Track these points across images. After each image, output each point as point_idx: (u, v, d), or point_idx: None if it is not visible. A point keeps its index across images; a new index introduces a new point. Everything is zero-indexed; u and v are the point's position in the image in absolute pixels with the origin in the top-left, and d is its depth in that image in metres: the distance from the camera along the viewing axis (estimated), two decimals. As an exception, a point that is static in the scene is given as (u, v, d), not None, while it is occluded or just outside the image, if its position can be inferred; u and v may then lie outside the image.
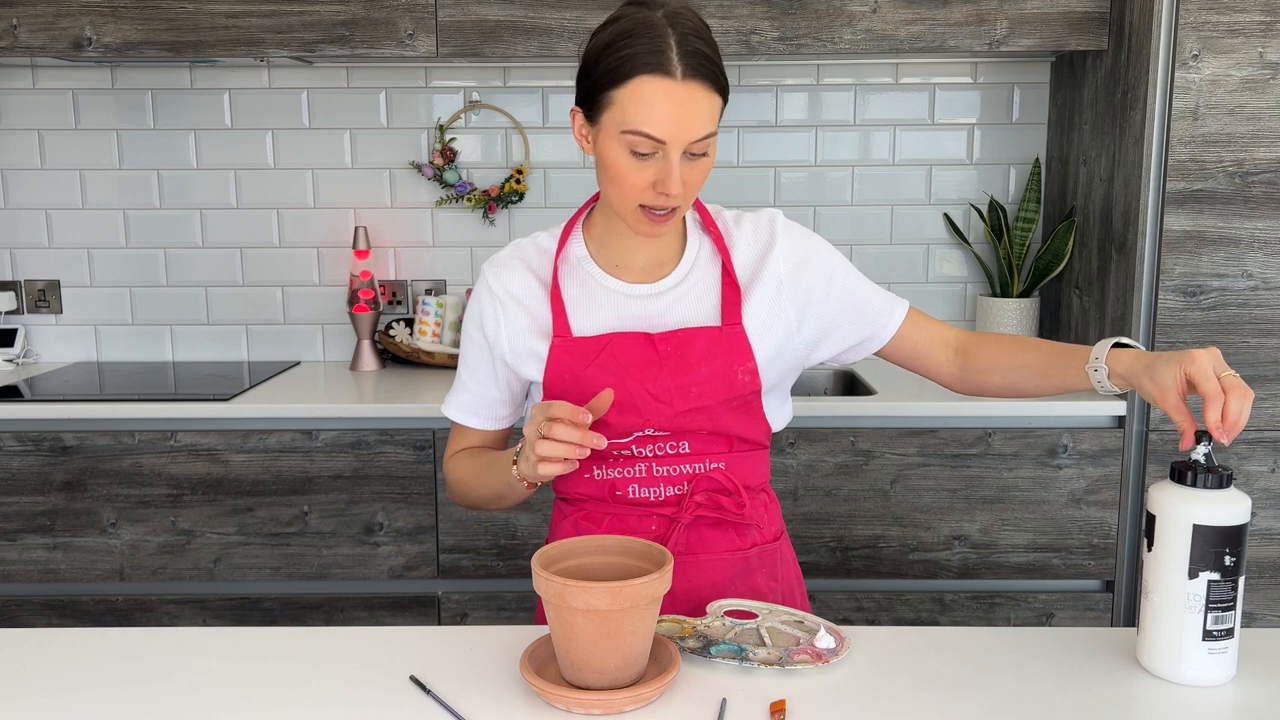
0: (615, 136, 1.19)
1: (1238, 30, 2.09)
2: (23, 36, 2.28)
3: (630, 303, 1.31)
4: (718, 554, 1.33)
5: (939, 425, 2.23)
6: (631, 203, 1.22)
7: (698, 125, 1.17)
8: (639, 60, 1.16)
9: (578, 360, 1.28)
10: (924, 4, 2.27)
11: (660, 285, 1.32)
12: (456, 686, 1.10)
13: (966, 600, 2.29)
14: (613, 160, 1.20)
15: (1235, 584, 1.07)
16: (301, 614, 2.30)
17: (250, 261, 2.73)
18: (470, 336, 1.37)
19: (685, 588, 1.31)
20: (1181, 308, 2.17)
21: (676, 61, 1.15)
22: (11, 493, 2.25)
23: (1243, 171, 2.13)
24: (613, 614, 1.01)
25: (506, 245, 1.38)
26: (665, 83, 1.15)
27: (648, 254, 1.33)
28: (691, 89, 1.16)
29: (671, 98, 1.16)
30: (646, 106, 1.16)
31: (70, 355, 2.76)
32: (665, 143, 1.17)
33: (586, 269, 1.33)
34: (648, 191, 1.21)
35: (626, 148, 1.18)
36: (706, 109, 1.18)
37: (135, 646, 1.20)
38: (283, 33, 2.28)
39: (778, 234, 1.35)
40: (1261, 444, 2.21)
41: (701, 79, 1.17)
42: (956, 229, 2.69)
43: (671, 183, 1.18)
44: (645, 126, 1.16)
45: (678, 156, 1.18)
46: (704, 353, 1.28)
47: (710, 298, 1.32)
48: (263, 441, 2.23)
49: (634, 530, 1.32)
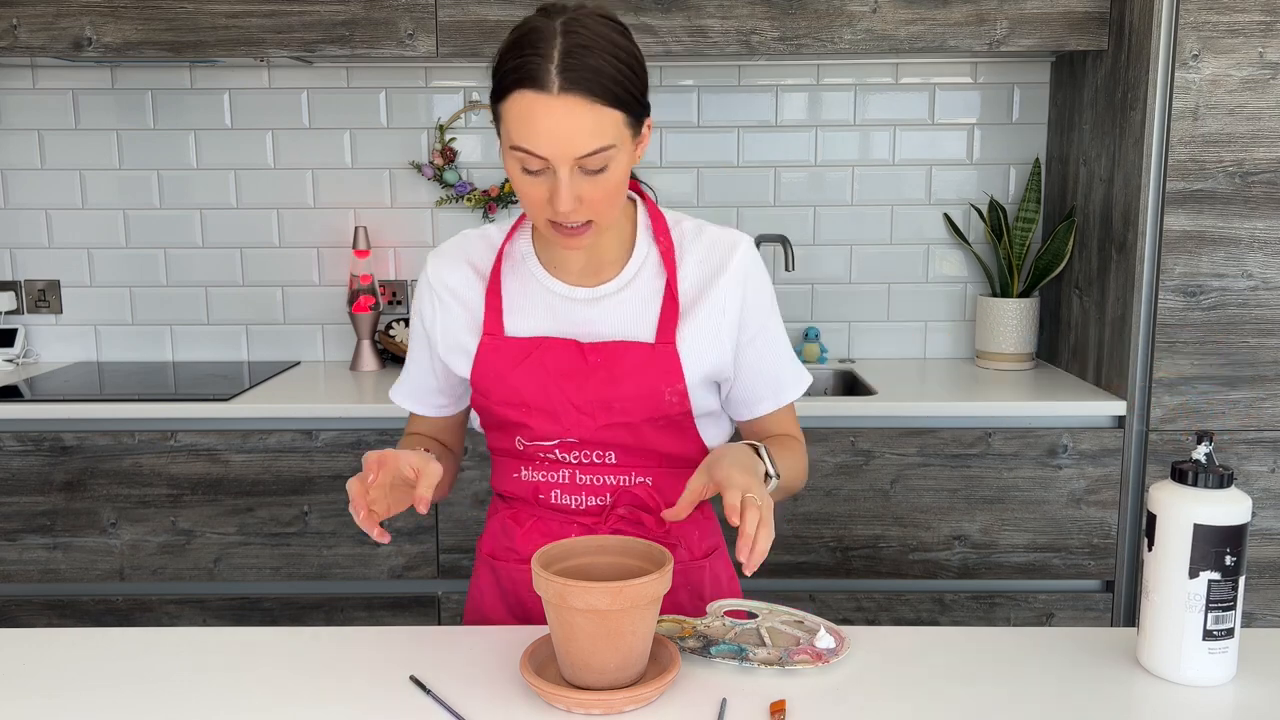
0: (508, 151, 1.16)
1: (1238, 30, 2.09)
2: (23, 36, 2.28)
3: (566, 306, 1.28)
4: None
5: (939, 425, 2.23)
6: (538, 217, 1.19)
7: (580, 141, 1.12)
8: (518, 73, 1.12)
9: (505, 361, 1.27)
10: (924, 4, 2.27)
11: (599, 291, 1.28)
12: (456, 686, 1.10)
13: (966, 600, 2.29)
14: (510, 174, 1.18)
15: (1235, 584, 1.07)
16: (301, 614, 2.30)
17: (250, 261, 2.72)
18: (414, 324, 1.38)
19: None
20: (1181, 308, 2.17)
21: (554, 75, 1.10)
22: (11, 493, 2.25)
23: (1243, 171, 2.13)
24: (613, 614, 1.01)
25: (453, 236, 1.36)
26: (540, 98, 1.11)
27: (589, 255, 1.28)
28: (570, 103, 1.10)
29: (548, 113, 1.11)
30: (524, 122, 1.12)
31: (70, 355, 2.76)
32: (547, 159, 1.13)
33: (529, 266, 1.31)
34: (547, 207, 1.17)
35: (518, 163, 1.15)
36: (590, 124, 1.12)
37: (135, 646, 1.20)
38: (283, 33, 2.28)
39: (734, 261, 1.28)
40: (1261, 444, 2.21)
41: (582, 92, 1.11)
42: (956, 229, 2.69)
43: (560, 200, 1.13)
44: (525, 143, 1.13)
45: (566, 173, 1.13)
46: (632, 368, 1.24)
47: (649, 311, 1.27)
48: (263, 441, 2.23)
49: (553, 535, 1.30)
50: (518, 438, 1.29)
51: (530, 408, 1.26)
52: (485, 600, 1.39)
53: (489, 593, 1.39)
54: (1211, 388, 2.19)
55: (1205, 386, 2.19)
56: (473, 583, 1.43)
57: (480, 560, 1.41)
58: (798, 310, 2.75)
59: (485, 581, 1.39)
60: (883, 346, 2.77)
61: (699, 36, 2.27)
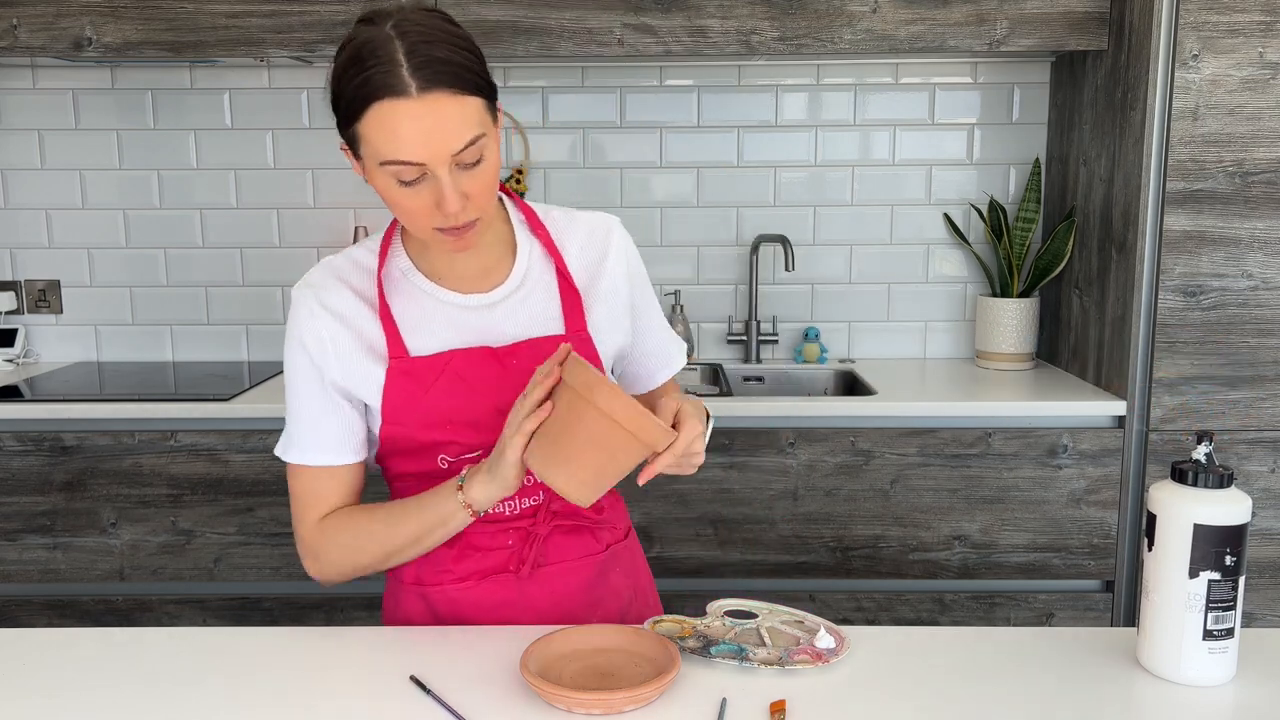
0: (377, 170, 1.11)
1: (1238, 30, 2.09)
2: (23, 36, 2.28)
3: (466, 314, 1.24)
4: (575, 560, 1.30)
5: (939, 425, 2.23)
6: (423, 228, 1.14)
7: (453, 137, 1.08)
8: (370, 86, 1.07)
9: (418, 383, 1.20)
10: (924, 4, 2.27)
11: (495, 294, 1.25)
12: (456, 686, 1.10)
13: (966, 600, 2.29)
14: (386, 192, 1.12)
15: (1235, 584, 1.07)
16: (301, 614, 2.30)
17: (250, 261, 2.73)
18: (296, 366, 1.23)
19: (548, 598, 1.28)
20: (1181, 308, 2.17)
21: (408, 77, 1.06)
22: (11, 493, 2.25)
23: (1243, 171, 2.13)
24: (619, 433, 1.05)
25: (316, 265, 1.26)
26: (403, 103, 1.06)
27: (474, 261, 1.25)
28: (433, 101, 1.07)
29: (413, 117, 1.06)
30: (391, 133, 1.07)
31: (70, 355, 2.76)
32: (424, 164, 1.08)
33: (414, 282, 1.24)
34: (433, 215, 1.12)
35: (392, 178, 1.10)
36: (458, 117, 1.08)
37: (135, 646, 1.20)
38: (283, 33, 2.28)
39: (614, 243, 1.30)
40: (1261, 444, 2.21)
41: (442, 87, 1.07)
42: (956, 229, 2.69)
43: (448, 202, 1.10)
44: (398, 154, 1.08)
45: (445, 173, 1.09)
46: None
47: (550, 304, 1.27)
48: (263, 441, 2.23)
49: (487, 547, 1.26)
50: (440, 456, 1.23)
51: (455, 423, 1.21)
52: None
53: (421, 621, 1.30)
54: (1211, 388, 2.20)
55: (1205, 386, 2.19)
56: (393, 609, 1.33)
57: (404, 589, 1.30)
58: (798, 310, 2.75)
59: (413, 609, 1.30)
60: (883, 346, 2.77)
61: (699, 36, 2.27)
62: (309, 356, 1.22)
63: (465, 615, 1.28)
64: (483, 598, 1.27)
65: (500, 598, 1.27)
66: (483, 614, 1.27)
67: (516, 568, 1.27)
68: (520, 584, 1.27)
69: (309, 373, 1.23)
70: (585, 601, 1.31)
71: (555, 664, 1.11)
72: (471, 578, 1.27)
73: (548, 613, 1.28)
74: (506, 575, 1.27)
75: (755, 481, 2.23)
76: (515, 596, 1.27)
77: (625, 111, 2.67)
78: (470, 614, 1.28)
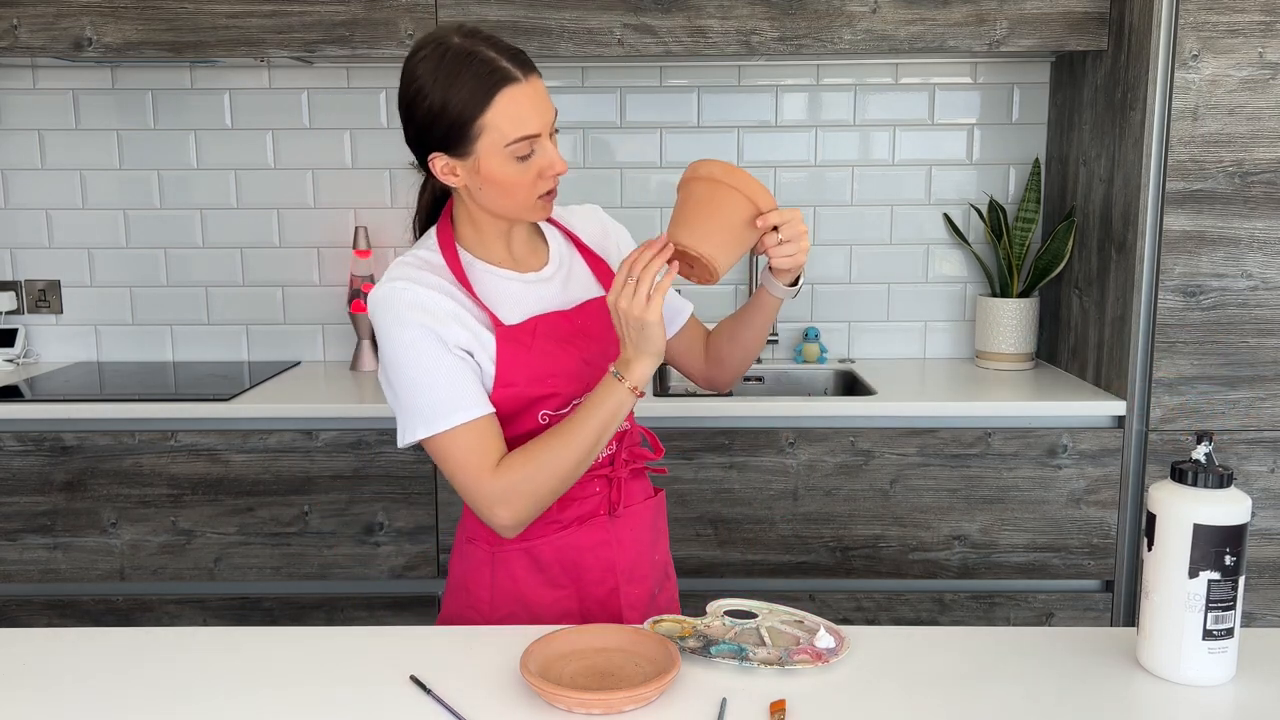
0: (498, 154, 1.27)
1: (1238, 30, 2.09)
2: (23, 36, 2.28)
3: (532, 288, 1.40)
4: (641, 502, 1.47)
5: (939, 425, 2.23)
6: (530, 199, 1.32)
7: (549, 109, 1.29)
8: (492, 79, 1.25)
9: (520, 345, 1.34)
10: (924, 4, 2.27)
11: (546, 271, 1.42)
12: (456, 686, 1.10)
13: (966, 600, 2.29)
14: (502, 175, 1.28)
15: (1235, 584, 1.07)
16: (302, 614, 2.30)
17: (250, 261, 2.73)
18: (415, 342, 1.29)
19: (630, 534, 1.44)
20: (1181, 308, 2.17)
21: (511, 66, 1.26)
22: (11, 493, 2.25)
23: (1242, 171, 2.13)
24: (737, 196, 1.25)
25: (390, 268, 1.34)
26: (519, 87, 1.26)
27: (518, 247, 1.41)
28: (534, 81, 1.28)
29: (529, 96, 1.26)
30: (516, 115, 1.25)
31: (70, 355, 2.76)
32: (539, 135, 1.27)
33: (480, 269, 1.38)
34: (537, 184, 1.30)
35: (512, 158, 1.27)
36: (545, 92, 1.30)
37: (135, 646, 1.20)
38: (283, 33, 2.28)
39: (606, 219, 1.54)
40: (1261, 444, 2.22)
41: (532, 70, 1.28)
42: (956, 229, 2.69)
43: (559, 162, 1.30)
44: (524, 130, 1.26)
45: (550, 140, 1.30)
46: (607, 319, 1.40)
47: (585, 272, 1.46)
48: (263, 441, 2.23)
49: (581, 496, 1.41)
50: (542, 412, 1.36)
51: (554, 376, 1.35)
52: (521, 588, 1.39)
53: (525, 579, 1.39)
54: (1211, 388, 2.20)
55: (1205, 386, 2.20)
56: (489, 579, 1.41)
57: (506, 554, 1.39)
58: (798, 310, 2.75)
59: (520, 568, 1.39)
60: (883, 346, 2.77)
61: (699, 37, 2.27)
62: (428, 328, 1.30)
63: (570, 558, 1.41)
64: (582, 539, 1.41)
65: (597, 538, 1.41)
66: (584, 554, 1.41)
67: (610, 509, 1.43)
68: (613, 524, 1.43)
69: (432, 342, 1.30)
70: (650, 538, 1.49)
71: (555, 664, 1.11)
72: (573, 524, 1.40)
73: (629, 547, 1.44)
74: (600, 518, 1.42)
75: (755, 481, 2.23)
76: (608, 536, 1.42)
77: (625, 111, 2.67)
78: (574, 556, 1.41)
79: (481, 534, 1.41)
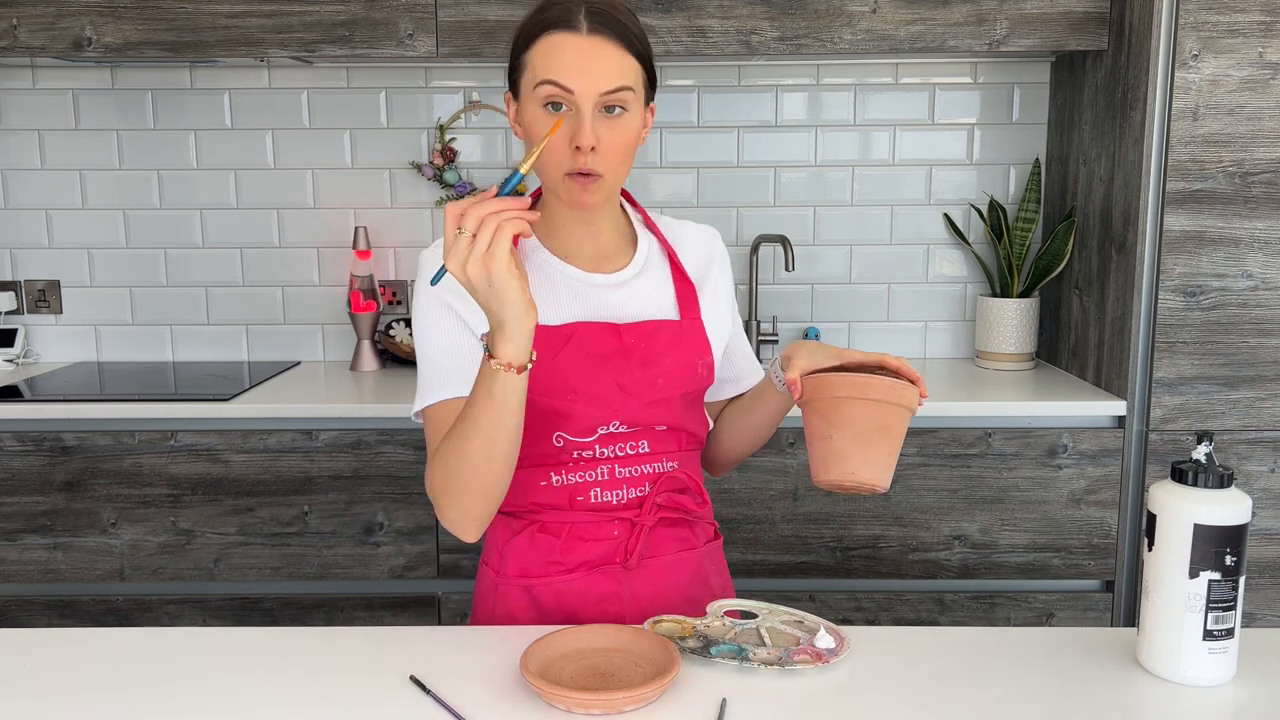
0: (530, 95, 1.20)
1: (1238, 30, 2.09)
2: (23, 36, 2.28)
3: (590, 291, 1.30)
4: (675, 554, 1.33)
5: (939, 425, 2.23)
6: (557, 173, 1.21)
7: (606, 76, 1.18)
8: (547, 20, 1.20)
9: (544, 348, 1.24)
10: (924, 4, 2.27)
11: (617, 277, 1.31)
12: (456, 686, 1.10)
13: (966, 600, 2.29)
14: (532, 121, 1.21)
15: (1235, 584, 1.07)
16: (301, 614, 2.30)
17: (250, 261, 2.73)
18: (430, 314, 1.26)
19: (650, 591, 1.31)
20: (1181, 308, 2.17)
21: (582, 19, 1.19)
22: (11, 493, 2.25)
23: (1243, 171, 2.13)
24: (888, 409, 1.20)
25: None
26: (570, 36, 1.18)
27: (594, 245, 1.32)
28: (597, 42, 1.18)
29: (577, 49, 1.18)
30: (554, 58, 1.18)
31: (70, 355, 2.76)
32: (574, 92, 1.17)
33: (541, 257, 1.30)
34: (567, 156, 1.19)
35: (540, 102, 1.19)
36: (615, 63, 1.19)
37: (135, 646, 1.20)
38: (283, 33, 2.28)
39: (718, 250, 1.42)
40: (1261, 444, 2.22)
41: (608, 35, 1.19)
42: (956, 229, 2.69)
43: (584, 135, 1.17)
44: (554, 74, 1.17)
45: (589, 109, 1.18)
46: (667, 345, 1.29)
47: (666, 292, 1.34)
48: (263, 441, 2.23)
49: (594, 538, 1.28)
50: (557, 434, 1.26)
51: (576, 393, 1.25)
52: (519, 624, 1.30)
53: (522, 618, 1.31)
54: (1211, 388, 2.20)
55: (1205, 386, 2.20)
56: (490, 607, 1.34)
57: (507, 583, 1.32)
58: (798, 310, 2.75)
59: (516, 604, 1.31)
60: (883, 346, 2.77)
61: (699, 36, 2.27)
62: (446, 302, 1.26)
63: (570, 608, 1.30)
64: (588, 589, 1.29)
65: (605, 590, 1.29)
66: (587, 607, 1.29)
67: (623, 559, 1.29)
68: (626, 576, 1.30)
69: (444, 314, 1.26)
70: (682, 599, 1.33)
71: (555, 664, 1.11)
72: (579, 569, 1.29)
73: (648, 608, 1.31)
74: (613, 567, 1.29)
75: (755, 481, 2.23)
76: (619, 589, 1.30)
77: (625, 111, 2.66)
78: (575, 606, 1.29)
79: (492, 558, 1.35)
